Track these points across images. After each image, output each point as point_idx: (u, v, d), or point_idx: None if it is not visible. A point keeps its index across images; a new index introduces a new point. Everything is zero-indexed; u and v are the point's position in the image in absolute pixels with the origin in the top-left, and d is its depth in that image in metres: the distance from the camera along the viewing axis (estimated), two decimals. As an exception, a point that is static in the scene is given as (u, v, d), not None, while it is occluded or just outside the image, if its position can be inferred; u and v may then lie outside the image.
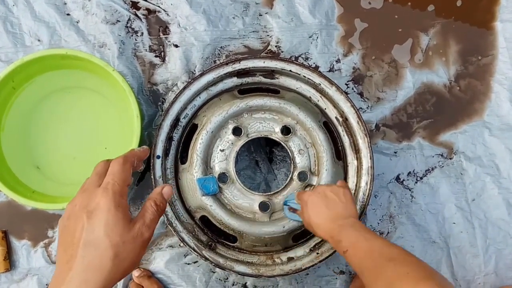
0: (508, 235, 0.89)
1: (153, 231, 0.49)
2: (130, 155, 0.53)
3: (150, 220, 0.49)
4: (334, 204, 0.66)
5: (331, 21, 0.92)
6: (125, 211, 0.47)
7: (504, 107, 0.92)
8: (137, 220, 0.48)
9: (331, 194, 0.67)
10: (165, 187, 0.53)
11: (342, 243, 0.61)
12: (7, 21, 0.89)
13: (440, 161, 0.91)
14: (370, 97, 0.92)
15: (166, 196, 0.53)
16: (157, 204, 0.51)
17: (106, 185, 0.48)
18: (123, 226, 0.46)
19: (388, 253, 0.57)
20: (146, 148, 0.58)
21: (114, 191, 0.47)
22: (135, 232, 0.47)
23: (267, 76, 0.81)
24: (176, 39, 0.89)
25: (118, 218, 0.46)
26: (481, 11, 0.95)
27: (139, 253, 0.48)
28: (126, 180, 0.50)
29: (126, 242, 0.46)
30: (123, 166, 0.50)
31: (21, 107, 0.84)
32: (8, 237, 0.86)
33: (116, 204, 0.47)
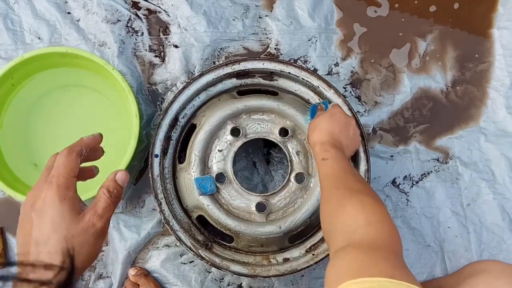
0: (502, 240, 0.90)
1: (107, 221, 0.48)
2: (76, 145, 0.51)
3: (103, 208, 0.47)
4: (345, 135, 0.70)
5: (330, 25, 0.93)
6: (72, 203, 0.46)
7: (500, 114, 0.93)
8: (88, 211, 0.47)
9: (352, 130, 0.72)
10: (118, 172, 0.51)
11: (327, 152, 0.65)
12: (8, 18, 0.89)
13: (436, 166, 0.92)
14: (368, 101, 0.92)
15: (121, 182, 0.51)
16: (109, 191, 0.49)
17: (51, 179, 0.47)
18: (70, 219, 0.45)
19: (353, 183, 0.60)
20: (95, 134, 0.54)
21: (58, 184, 0.46)
22: (85, 224, 0.45)
23: (266, 77, 0.82)
24: (176, 39, 0.90)
25: (64, 211, 0.45)
26: (479, 17, 0.96)
27: (94, 244, 0.46)
28: (72, 171, 0.48)
29: (75, 235, 0.45)
30: (68, 157, 0.48)
31: (20, 104, 0.84)
32: (5, 234, 0.86)
33: (61, 197, 0.45)
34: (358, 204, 0.54)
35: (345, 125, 0.71)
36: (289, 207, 0.78)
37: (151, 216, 0.87)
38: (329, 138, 0.68)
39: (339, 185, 0.59)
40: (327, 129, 0.69)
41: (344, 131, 0.70)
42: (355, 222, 0.52)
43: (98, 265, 0.86)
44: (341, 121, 0.71)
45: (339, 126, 0.70)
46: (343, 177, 0.61)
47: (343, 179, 0.61)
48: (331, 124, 0.70)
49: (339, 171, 0.62)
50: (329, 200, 0.59)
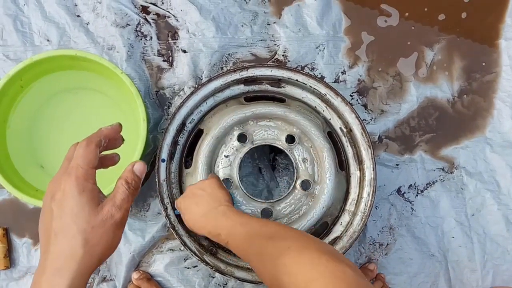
0: (506, 251, 0.90)
1: (126, 212, 0.48)
2: (95, 135, 0.50)
3: (121, 200, 0.47)
4: (202, 198, 0.66)
5: (338, 33, 0.93)
6: (91, 195, 0.46)
7: (506, 124, 0.93)
8: (107, 202, 0.47)
9: (197, 190, 0.68)
10: (136, 163, 0.51)
11: (221, 236, 0.60)
12: (17, 20, 0.90)
13: (441, 175, 0.92)
14: (374, 109, 0.93)
15: (139, 173, 0.50)
16: (128, 182, 0.49)
17: (70, 170, 0.46)
18: (89, 210, 0.45)
19: (267, 232, 0.56)
20: (114, 124, 0.54)
21: (77, 176, 0.46)
22: (104, 215, 0.46)
23: (274, 84, 0.82)
24: (185, 44, 0.90)
25: (83, 203, 0.45)
26: (486, 28, 0.96)
27: (113, 236, 0.47)
28: (91, 162, 0.48)
29: (95, 227, 0.45)
30: (87, 148, 0.48)
31: (28, 105, 0.84)
32: (9, 234, 0.86)
33: (80, 189, 0.45)
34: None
35: (201, 192, 0.67)
36: (294, 214, 0.78)
37: (156, 220, 0.87)
38: (205, 220, 0.64)
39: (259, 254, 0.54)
40: (196, 216, 0.65)
41: (205, 195, 0.66)
42: None
43: (102, 268, 0.86)
44: (195, 193, 0.67)
45: (198, 198, 0.66)
46: (250, 241, 0.56)
47: (253, 243, 0.56)
48: (192, 207, 0.66)
49: (244, 241, 0.57)
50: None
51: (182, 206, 0.70)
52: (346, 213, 0.80)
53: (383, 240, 0.90)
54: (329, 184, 0.77)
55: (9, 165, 0.82)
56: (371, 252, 0.89)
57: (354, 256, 0.89)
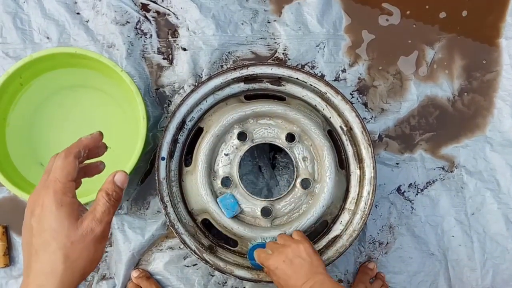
0: (506, 250, 0.90)
1: (107, 225, 0.46)
2: (74, 146, 0.49)
3: (101, 213, 0.46)
4: (300, 265, 0.64)
5: (338, 31, 0.93)
6: (70, 209, 0.45)
7: (506, 123, 0.93)
8: (86, 216, 0.45)
9: (293, 256, 0.65)
10: (117, 173, 0.49)
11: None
12: (17, 17, 0.89)
13: (441, 174, 0.92)
14: (374, 107, 0.92)
15: (120, 183, 0.49)
16: (108, 193, 0.47)
17: (48, 184, 0.45)
18: (68, 225, 0.44)
19: None
20: (95, 133, 0.52)
21: (55, 190, 0.45)
22: (83, 230, 0.44)
23: (274, 83, 0.82)
24: (185, 42, 0.90)
25: (62, 217, 0.44)
26: (487, 27, 0.96)
27: (95, 251, 0.45)
28: (69, 175, 0.46)
29: (74, 242, 0.44)
30: (65, 160, 0.46)
31: (27, 103, 0.84)
32: (9, 232, 0.86)
33: (58, 204, 0.44)
34: None
35: (297, 259, 0.65)
36: (294, 213, 0.78)
37: (155, 218, 0.87)
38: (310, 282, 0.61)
39: None
40: (292, 281, 0.63)
41: (302, 262, 0.64)
42: None
43: (102, 266, 0.86)
44: (290, 259, 0.65)
45: (295, 265, 0.64)
46: None
47: None
48: (288, 273, 0.64)
49: None
50: None
51: (276, 270, 0.65)
52: (346, 211, 0.80)
53: (383, 239, 0.90)
54: (329, 182, 0.76)
55: (8, 163, 0.82)
56: (371, 251, 0.89)
57: (354, 255, 0.89)
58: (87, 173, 0.54)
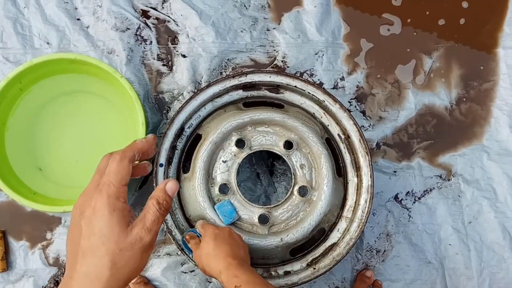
0: (503, 259, 0.90)
1: (155, 234, 0.46)
2: (129, 149, 0.49)
3: (151, 222, 0.45)
4: (237, 246, 0.66)
5: (337, 39, 0.93)
6: (121, 215, 0.44)
7: (503, 133, 0.93)
8: (136, 224, 0.45)
9: (237, 238, 0.68)
10: (168, 182, 0.49)
11: (237, 278, 0.59)
12: (18, 23, 0.90)
13: (438, 183, 0.92)
14: (372, 115, 0.93)
15: (171, 193, 0.48)
16: (159, 202, 0.47)
17: (102, 187, 0.45)
18: (119, 232, 0.43)
19: None
20: (149, 137, 0.52)
21: (109, 194, 0.44)
22: (133, 238, 0.44)
23: (273, 90, 0.82)
24: (184, 49, 0.91)
25: (113, 223, 0.43)
26: (484, 36, 0.96)
27: (141, 259, 0.45)
28: (123, 179, 0.46)
29: (123, 249, 0.43)
30: (120, 164, 0.46)
31: (27, 108, 0.84)
32: (7, 237, 0.86)
33: (111, 208, 0.44)
34: None
35: (229, 237, 0.67)
36: (291, 220, 0.78)
37: (153, 224, 0.87)
38: (231, 260, 0.61)
39: None
40: (219, 253, 0.63)
41: (233, 244, 0.66)
42: None
43: (99, 272, 0.86)
44: (224, 235, 0.67)
45: (226, 242, 0.65)
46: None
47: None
48: (219, 245, 0.64)
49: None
50: None
51: (216, 235, 0.67)
52: (343, 219, 0.80)
53: (380, 246, 0.90)
54: (327, 190, 0.77)
55: (7, 167, 0.82)
56: (368, 259, 0.90)
57: (351, 262, 0.89)
58: (134, 174, 0.53)
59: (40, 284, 0.85)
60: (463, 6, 0.97)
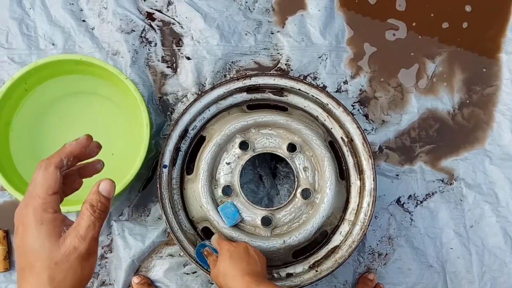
0: (504, 263, 0.90)
1: (91, 240, 0.42)
2: (55, 155, 0.44)
3: (86, 228, 0.41)
4: (255, 262, 0.66)
5: (341, 43, 0.94)
6: (51, 226, 0.41)
7: (505, 137, 0.93)
8: (69, 233, 0.41)
9: (253, 254, 0.68)
10: (101, 182, 0.44)
11: None
12: (23, 24, 0.90)
13: (440, 187, 0.92)
14: (375, 119, 0.93)
15: (106, 193, 0.44)
16: (93, 205, 0.42)
17: (28, 201, 0.42)
18: (50, 245, 0.40)
19: None
20: (81, 138, 0.47)
21: (35, 207, 0.41)
22: (66, 249, 0.40)
23: (276, 93, 0.83)
24: (189, 51, 0.91)
25: (42, 237, 0.40)
26: (487, 41, 0.97)
27: (81, 269, 0.41)
28: (50, 188, 0.42)
29: (58, 263, 0.40)
30: (45, 172, 0.42)
31: (32, 109, 0.85)
32: (10, 237, 0.86)
33: (38, 222, 0.40)
34: None
35: (245, 254, 0.67)
36: (294, 222, 0.78)
37: (156, 225, 0.87)
38: (249, 279, 0.61)
39: None
40: (236, 273, 0.63)
41: (250, 261, 0.66)
42: None
43: (101, 272, 0.87)
44: (240, 253, 0.67)
45: (243, 260, 0.66)
46: None
47: None
48: (235, 264, 0.64)
49: None
50: None
51: (232, 252, 0.67)
52: (346, 222, 0.80)
53: (382, 250, 0.90)
54: (329, 193, 0.77)
55: (11, 167, 0.82)
56: (370, 262, 0.90)
57: (353, 265, 0.89)
58: (83, 174, 0.50)
59: (43, 284, 0.85)
60: (467, 10, 0.97)
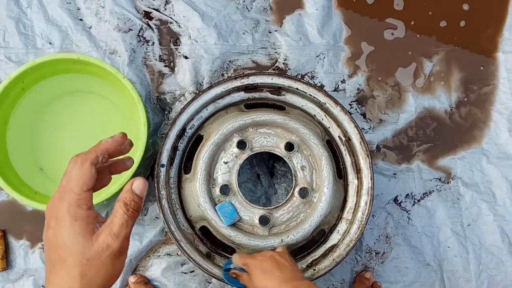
0: (501, 261, 0.91)
1: (124, 238, 0.42)
2: (92, 151, 0.45)
3: (119, 226, 0.42)
4: (285, 267, 0.65)
5: (338, 42, 0.94)
6: (85, 222, 0.42)
7: (502, 136, 0.94)
8: (103, 230, 0.42)
9: (280, 259, 0.67)
10: (135, 181, 0.45)
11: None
12: (20, 22, 0.90)
13: (437, 185, 0.92)
14: (373, 118, 0.93)
15: (139, 192, 0.45)
16: (126, 204, 0.43)
17: (62, 195, 0.42)
18: (83, 241, 0.41)
19: None
20: (117, 136, 0.48)
21: (69, 202, 0.42)
22: (99, 246, 0.41)
23: (274, 92, 0.83)
24: (186, 50, 0.91)
25: (76, 233, 0.41)
26: (485, 41, 0.97)
27: (113, 267, 0.42)
28: (85, 184, 0.43)
29: (90, 259, 0.41)
30: (81, 168, 0.43)
31: (29, 108, 0.84)
32: (7, 236, 0.86)
33: (72, 218, 0.41)
34: None
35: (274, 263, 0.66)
36: (291, 221, 0.78)
37: (153, 224, 0.87)
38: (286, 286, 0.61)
39: None
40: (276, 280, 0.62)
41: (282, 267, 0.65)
42: None
43: (99, 271, 0.87)
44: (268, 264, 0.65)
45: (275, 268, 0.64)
46: None
47: None
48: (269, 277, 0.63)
49: None
50: None
51: (260, 266, 0.66)
52: (344, 221, 0.80)
53: (379, 248, 0.90)
54: (327, 192, 0.77)
55: (8, 166, 0.82)
56: (367, 260, 0.90)
57: (350, 264, 0.90)
58: (113, 171, 0.51)
59: (40, 283, 0.85)
60: (464, 9, 0.98)
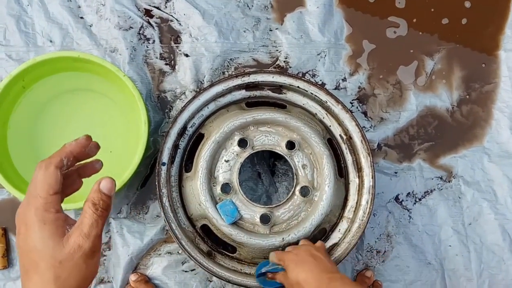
0: (502, 260, 0.91)
1: (95, 237, 0.42)
2: (55, 155, 0.45)
3: (89, 226, 0.42)
4: (320, 259, 0.66)
5: (339, 40, 0.94)
6: (54, 226, 0.41)
7: (504, 135, 0.93)
8: (73, 232, 0.42)
9: (315, 252, 0.67)
10: (102, 180, 0.45)
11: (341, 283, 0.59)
12: (21, 20, 0.90)
13: (439, 184, 0.92)
14: (374, 116, 0.93)
15: (107, 191, 0.44)
16: (95, 203, 0.43)
17: (29, 200, 0.42)
18: (53, 244, 0.41)
19: None
20: (80, 138, 0.48)
21: (36, 207, 0.41)
22: (70, 247, 0.41)
23: (275, 90, 0.83)
24: (187, 48, 0.91)
25: (45, 237, 0.41)
26: (486, 39, 0.97)
27: (86, 267, 0.42)
28: (51, 188, 0.42)
29: (62, 262, 0.41)
30: (45, 173, 0.43)
31: (29, 106, 0.84)
32: (8, 234, 0.86)
33: (40, 222, 0.41)
34: None
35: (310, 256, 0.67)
36: (293, 220, 0.78)
37: (154, 222, 0.87)
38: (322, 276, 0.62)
39: None
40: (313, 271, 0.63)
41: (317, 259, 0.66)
42: None
43: (100, 270, 0.87)
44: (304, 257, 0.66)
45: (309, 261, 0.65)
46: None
47: None
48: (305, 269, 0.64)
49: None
50: None
51: (297, 260, 0.66)
52: (345, 220, 0.80)
53: (380, 247, 0.90)
54: (328, 191, 0.77)
55: (9, 164, 0.82)
56: (368, 259, 0.90)
57: (351, 262, 0.89)
58: (82, 174, 0.51)
59: (41, 281, 0.85)
60: (466, 6, 0.97)
